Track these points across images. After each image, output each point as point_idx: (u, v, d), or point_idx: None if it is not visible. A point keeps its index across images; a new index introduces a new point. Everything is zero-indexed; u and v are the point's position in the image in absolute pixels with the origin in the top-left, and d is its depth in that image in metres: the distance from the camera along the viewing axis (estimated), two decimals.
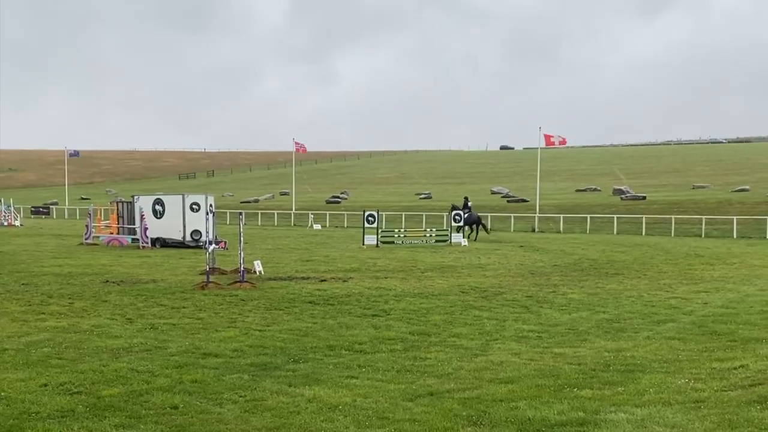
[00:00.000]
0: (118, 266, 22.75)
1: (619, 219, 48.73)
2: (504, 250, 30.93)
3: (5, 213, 54.92)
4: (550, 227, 50.50)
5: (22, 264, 23.00)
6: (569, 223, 50.37)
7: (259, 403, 7.50)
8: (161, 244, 31.67)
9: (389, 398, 7.63)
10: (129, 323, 12.28)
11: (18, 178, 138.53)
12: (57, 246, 32.12)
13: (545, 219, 52.29)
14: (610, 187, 76.96)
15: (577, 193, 78.40)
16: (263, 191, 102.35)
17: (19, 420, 6.84)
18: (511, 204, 67.07)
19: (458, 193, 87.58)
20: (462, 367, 9.12)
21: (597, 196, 74.21)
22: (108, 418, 6.93)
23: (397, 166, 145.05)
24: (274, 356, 9.80)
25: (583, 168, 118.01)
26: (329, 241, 37.80)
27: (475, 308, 14.25)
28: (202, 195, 32.95)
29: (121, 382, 8.28)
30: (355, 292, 16.63)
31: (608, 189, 76.50)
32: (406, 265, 23.95)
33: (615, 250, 30.67)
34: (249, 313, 13.65)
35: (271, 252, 28.87)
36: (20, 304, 14.36)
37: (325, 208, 69.58)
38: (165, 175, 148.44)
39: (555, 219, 51.56)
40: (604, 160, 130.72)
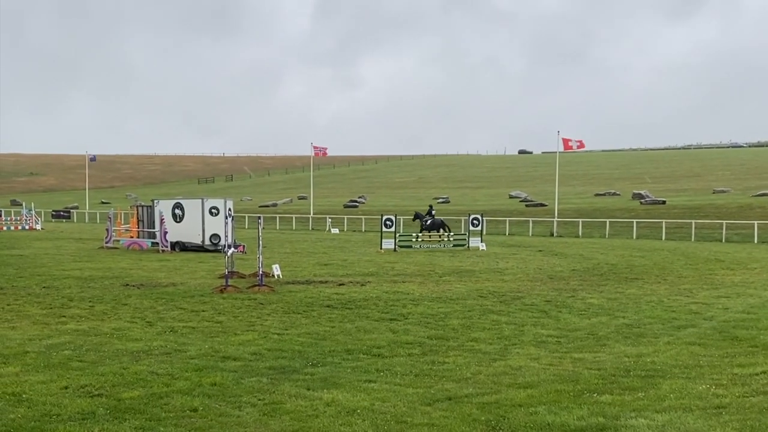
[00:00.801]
0: (138, 270, 22.91)
1: (638, 223, 48.41)
2: (523, 254, 30.82)
3: (27, 217, 55.49)
4: (568, 231, 50.27)
5: (44, 267, 23.22)
6: (588, 227, 50.11)
7: (277, 406, 7.52)
8: (181, 248, 31.85)
9: (407, 402, 7.62)
10: (149, 326, 12.36)
11: (39, 183, 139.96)
12: (78, 250, 32.41)
13: (564, 223, 52.05)
14: (629, 192, 76.48)
15: (596, 197, 78.01)
16: (282, 195, 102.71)
17: (41, 422, 6.91)
18: (530, 208, 66.83)
19: (476, 197, 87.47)
20: (480, 371, 9.09)
21: (616, 200, 73.78)
22: (128, 420, 6.98)
23: (415, 170, 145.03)
24: (292, 360, 9.82)
25: (602, 172, 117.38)
26: (347, 245, 37.85)
27: (494, 313, 14.21)
28: (221, 199, 33.13)
29: (141, 384, 8.33)
30: (373, 296, 16.64)
31: (627, 193, 76.03)
32: (424, 269, 23.94)
33: (634, 254, 30.48)
34: (267, 316, 13.69)
35: (290, 256, 28.96)
36: (42, 307, 14.50)
37: (343, 212, 69.70)
38: (184, 179, 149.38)
39: (574, 223, 51.32)
40: (623, 164, 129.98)
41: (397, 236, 33.81)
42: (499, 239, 43.68)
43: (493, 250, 33.50)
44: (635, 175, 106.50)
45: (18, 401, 7.59)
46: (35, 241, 38.84)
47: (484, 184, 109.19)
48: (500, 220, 54.50)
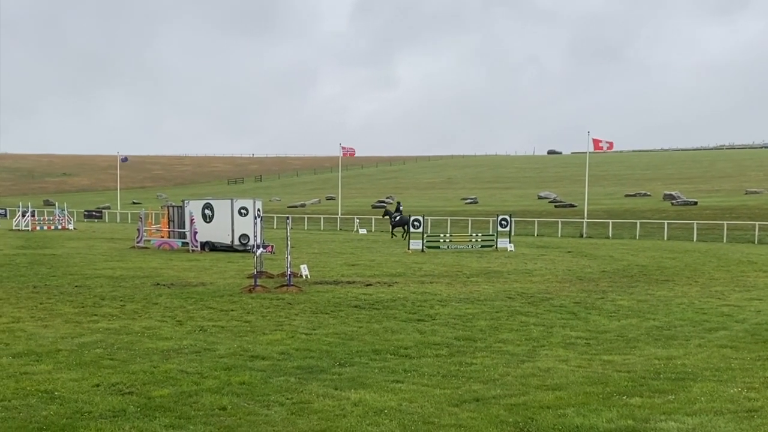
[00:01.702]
0: (168, 269, 23.15)
1: (669, 225, 47.86)
2: (551, 255, 30.62)
3: (59, 217, 56.33)
4: (598, 232, 49.86)
5: (76, 267, 23.55)
6: (618, 228, 49.64)
7: (305, 405, 7.56)
8: (210, 248, 32.11)
9: (435, 403, 7.62)
10: (179, 325, 12.49)
11: (72, 183, 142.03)
12: (109, 249, 32.83)
13: (593, 224, 51.62)
14: (660, 192, 75.65)
15: (626, 198, 77.29)
16: (310, 196, 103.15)
17: (72, 419, 7.01)
18: (559, 209, 66.37)
19: (504, 197, 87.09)
20: (508, 373, 9.05)
21: (647, 201, 73.02)
22: (158, 418, 7.06)
23: (442, 171, 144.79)
24: (320, 360, 9.86)
25: (632, 172, 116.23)
26: (374, 245, 37.89)
27: (522, 314, 14.14)
28: (251, 199, 33.34)
29: (170, 383, 8.42)
30: (401, 297, 16.64)
31: (658, 194, 75.21)
32: (452, 270, 23.89)
33: (665, 256, 30.13)
34: (296, 316, 13.76)
35: (317, 256, 29.06)
36: (74, 306, 14.71)
37: (371, 212, 69.79)
38: (214, 180, 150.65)
39: (604, 224, 50.87)
40: (653, 165, 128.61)
41: (425, 237, 33.77)
42: (528, 240, 43.44)
43: (522, 251, 33.32)
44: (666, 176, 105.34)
45: (50, 398, 7.71)
46: (68, 240, 39.40)
47: (512, 185, 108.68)
48: (529, 220, 54.21)
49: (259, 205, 33.18)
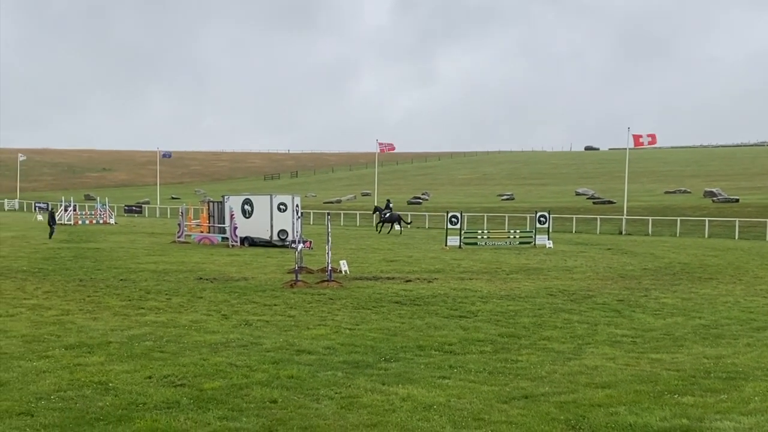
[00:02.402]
0: (209, 264, 23.42)
1: (710, 222, 47.08)
2: (591, 252, 30.34)
3: (101, 211, 57.28)
4: (637, 230, 49.24)
5: (120, 261, 23.94)
6: (658, 225, 48.97)
7: (354, 400, 7.61)
8: (249, 243, 32.41)
9: (483, 399, 7.62)
10: (224, 319, 12.64)
11: (111, 178, 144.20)
12: (151, 243, 33.31)
13: (633, 221, 51.00)
14: (700, 189, 74.44)
15: (666, 195, 76.19)
16: (345, 192, 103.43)
17: (128, 410, 7.15)
18: (597, 206, 65.67)
19: (541, 194, 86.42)
20: (555, 370, 9.01)
21: (687, 198, 71.92)
22: (211, 410, 7.17)
23: (478, 166, 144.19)
24: (365, 355, 9.92)
25: (672, 169, 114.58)
26: (411, 241, 37.89)
27: (565, 311, 14.05)
28: (289, 195, 33.56)
29: (221, 375, 8.54)
30: (441, 293, 16.64)
31: (699, 191, 74.01)
32: (491, 266, 23.81)
33: (707, 254, 29.68)
34: (338, 311, 13.84)
35: (355, 252, 29.16)
36: (120, 299, 14.97)
37: (407, 208, 69.75)
38: (250, 176, 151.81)
39: (643, 221, 50.23)
40: (693, 161, 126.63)
41: (463, 233, 33.69)
42: (566, 237, 43.09)
43: (560, 247, 33.07)
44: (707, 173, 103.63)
45: (105, 390, 7.87)
46: (110, 234, 40.06)
47: (549, 181, 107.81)
48: (567, 217, 53.73)
49: (298, 201, 33.39)
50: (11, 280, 18.09)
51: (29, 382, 8.17)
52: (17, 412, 7.03)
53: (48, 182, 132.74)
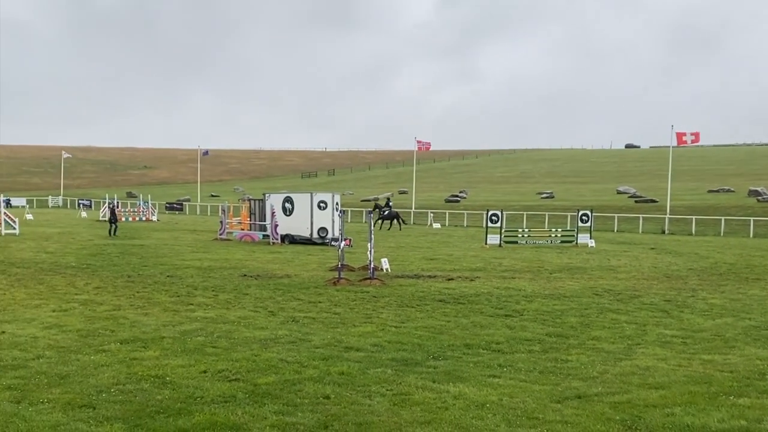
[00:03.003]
0: (252, 261, 23.68)
1: (755, 222, 46.19)
2: (634, 251, 30.00)
3: (143, 208, 58.21)
4: (681, 229, 48.52)
5: (165, 257, 24.33)
6: (702, 225, 48.21)
7: (406, 397, 7.67)
8: (290, 241, 32.68)
9: (536, 399, 7.62)
10: (272, 316, 12.79)
11: (152, 175, 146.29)
12: (193, 241, 33.77)
13: (676, 220, 50.27)
14: (745, 188, 73.03)
15: (709, 194, 74.90)
16: (382, 190, 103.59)
17: (186, 404, 7.30)
18: (639, 204, 64.84)
19: (581, 192, 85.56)
20: (607, 370, 8.97)
21: (730, 197, 70.61)
22: (267, 405, 7.28)
23: (516, 164, 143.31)
24: (413, 352, 9.96)
25: (715, 167, 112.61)
26: (450, 240, 37.85)
27: (612, 311, 13.94)
28: (329, 193, 33.77)
29: (273, 371, 8.66)
30: (484, 292, 16.62)
31: (743, 190, 72.62)
32: (533, 265, 23.68)
33: (753, 254, 29.15)
34: (382, 309, 13.91)
35: (395, 250, 29.23)
36: (169, 295, 15.23)
37: (444, 206, 69.64)
38: (288, 174, 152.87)
39: (686, 220, 49.48)
40: (737, 159, 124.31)
41: (503, 231, 33.55)
42: (608, 236, 42.64)
43: (603, 247, 32.74)
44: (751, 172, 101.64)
45: (162, 383, 8.04)
46: (153, 231, 40.69)
47: (589, 179, 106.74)
48: (608, 216, 53.15)
49: (338, 199, 33.58)
50: (61, 276, 18.50)
51: (88, 375, 8.38)
52: (79, 405, 7.22)
53: (91, 179, 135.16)
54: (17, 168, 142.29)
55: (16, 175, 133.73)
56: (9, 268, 20.07)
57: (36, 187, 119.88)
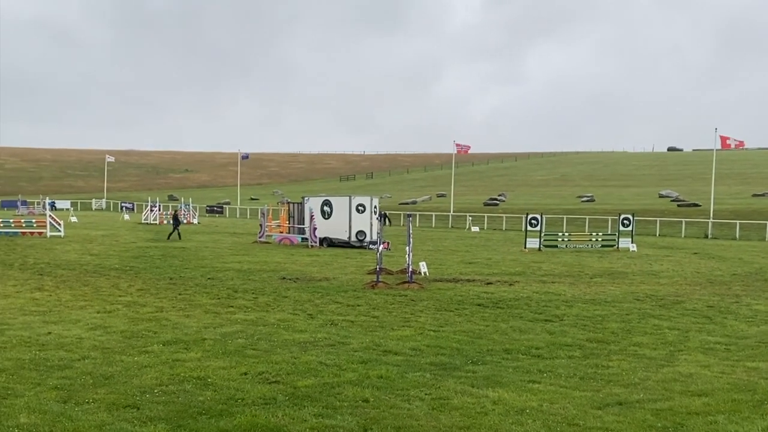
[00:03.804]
0: (291, 264, 23.86)
1: None
2: (676, 256, 29.56)
3: (184, 211, 58.99)
4: (724, 234, 47.64)
5: (206, 260, 24.64)
6: (746, 229, 47.27)
7: (445, 401, 7.66)
8: (328, 244, 32.86)
9: (576, 405, 7.55)
10: (310, 319, 12.88)
11: (193, 179, 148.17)
12: (233, 243, 34.13)
13: (719, 225, 49.38)
14: None
15: (754, 198, 73.46)
16: (420, 193, 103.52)
17: (228, 405, 7.39)
18: (682, 208, 63.83)
19: (623, 196, 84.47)
20: (648, 377, 8.85)
21: None
22: (307, 407, 7.34)
23: (556, 167, 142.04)
24: (452, 357, 9.95)
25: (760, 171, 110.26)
26: (489, 243, 37.70)
27: (653, 317, 13.76)
28: (368, 197, 33.89)
29: (312, 374, 8.73)
30: (524, 296, 16.52)
31: None
32: (573, 269, 23.48)
33: None
34: (420, 313, 13.91)
35: (433, 253, 29.21)
36: (210, 297, 15.43)
37: (483, 210, 69.36)
38: (326, 177, 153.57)
39: (730, 225, 48.58)
40: None
41: (542, 235, 33.30)
42: (649, 240, 42.09)
43: (644, 251, 32.32)
44: None
45: (204, 385, 8.15)
46: (194, 234, 41.22)
47: (630, 183, 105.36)
48: (650, 220, 52.45)
49: (376, 203, 33.70)
50: (105, 278, 18.86)
51: (132, 376, 8.53)
52: (124, 405, 7.36)
53: (133, 182, 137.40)
54: (62, 171, 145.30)
55: (61, 179, 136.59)
56: (55, 270, 20.52)
57: (80, 190, 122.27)
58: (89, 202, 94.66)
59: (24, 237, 34.66)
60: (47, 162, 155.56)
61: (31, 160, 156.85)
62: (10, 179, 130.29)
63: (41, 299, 14.81)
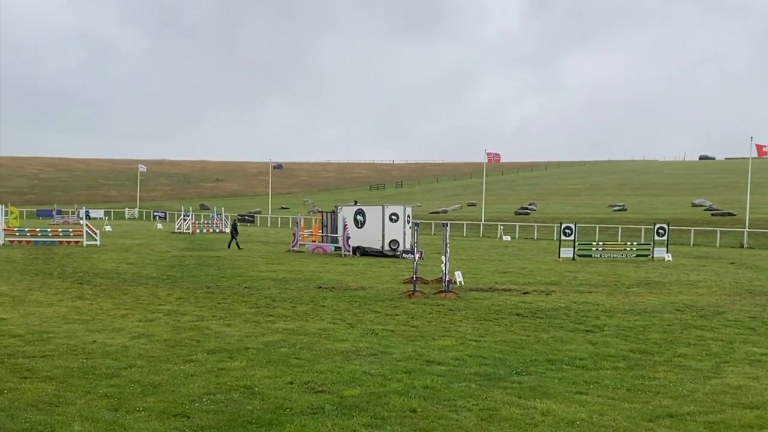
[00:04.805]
0: (326, 273, 23.92)
1: None
2: (713, 266, 29.14)
3: (216, 220, 59.49)
4: (760, 243, 46.86)
5: (241, 269, 24.80)
6: None
7: (493, 412, 7.63)
8: (361, 253, 32.90)
9: (627, 417, 7.47)
10: (350, 328, 12.90)
11: (224, 188, 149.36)
12: (267, 252, 34.32)
13: (755, 234, 48.59)
14: None
15: None
16: (450, 202, 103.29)
17: (276, 414, 7.43)
18: (716, 218, 62.94)
19: (655, 205, 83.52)
20: (697, 389, 8.74)
21: None
22: (355, 417, 7.35)
23: (587, 176, 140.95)
24: (495, 367, 9.91)
25: None
26: (521, 252, 37.47)
27: (696, 328, 13.58)
28: (401, 206, 33.87)
29: (358, 383, 8.74)
30: (562, 306, 16.40)
31: None
32: (609, 279, 23.26)
33: None
34: (460, 322, 13.87)
35: (467, 263, 29.12)
36: (249, 306, 15.53)
37: (514, 219, 68.98)
38: (356, 186, 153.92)
39: (766, 234, 47.77)
40: None
41: (576, 245, 33.04)
42: (684, 250, 41.55)
43: (680, 261, 31.91)
44: None
45: (251, 394, 8.20)
46: (227, 243, 41.46)
47: (662, 192, 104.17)
48: (684, 229, 51.78)
49: (409, 212, 33.68)
50: (144, 287, 19.06)
51: (179, 384, 8.61)
52: (173, 413, 7.42)
53: (165, 192, 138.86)
54: (95, 181, 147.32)
55: (95, 188, 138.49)
56: (94, 279, 20.80)
57: (112, 199, 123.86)
58: (122, 212, 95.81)
59: (61, 246, 35.19)
60: (81, 172, 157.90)
61: (65, 170, 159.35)
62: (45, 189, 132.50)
63: (83, 308, 15.01)
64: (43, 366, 9.45)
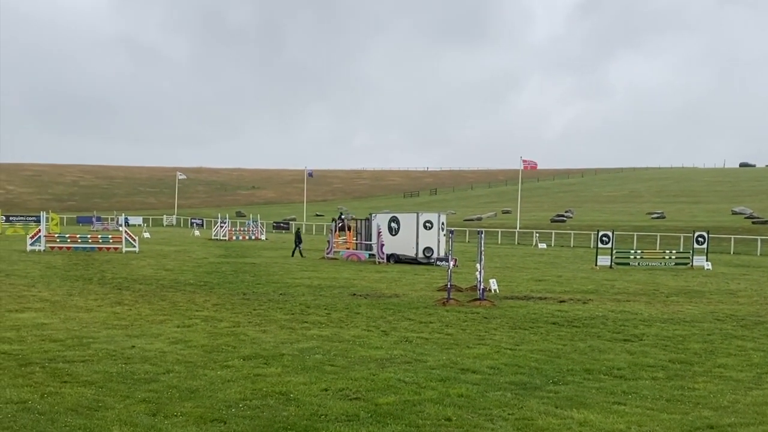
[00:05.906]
0: (360, 280, 23.97)
1: None
2: (754, 275, 28.60)
3: (252, 227, 59.98)
4: None
5: (276, 275, 24.96)
6: None
7: (529, 422, 7.56)
8: (395, 260, 32.90)
9: (666, 428, 7.36)
10: (384, 335, 12.90)
11: (259, 195, 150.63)
12: (301, 259, 34.49)
13: None
14: None
15: None
16: (485, 209, 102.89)
17: (311, 421, 7.45)
18: (757, 225, 61.78)
19: (694, 212, 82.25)
20: (738, 400, 8.57)
21: None
22: (390, 425, 7.34)
23: (624, 183, 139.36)
24: (531, 376, 9.83)
25: None
26: (557, 260, 37.17)
27: (737, 338, 13.33)
28: (435, 213, 33.84)
29: (392, 391, 8.73)
30: (599, 315, 16.22)
31: None
32: (647, 288, 22.95)
33: None
34: (495, 331, 13.79)
35: (502, 270, 28.97)
36: (284, 313, 15.62)
37: (550, 226, 68.48)
38: (390, 194, 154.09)
39: None
40: None
41: (614, 253, 32.67)
42: (724, 258, 40.85)
43: (720, 269, 31.39)
44: None
45: (287, 400, 8.24)
46: (262, 250, 41.84)
47: (701, 199, 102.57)
48: (723, 237, 50.91)
49: (443, 219, 33.62)
50: (181, 293, 19.28)
51: (216, 390, 8.69)
52: (211, 419, 7.49)
53: (202, 199, 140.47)
54: (133, 188, 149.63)
55: (133, 195, 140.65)
56: (133, 285, 21.10)
57: (150, 206, 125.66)
58: (160, 218, 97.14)
59: (101, 252, 35.77)
60: (119, 179, 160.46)
61: (104, 177, 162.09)
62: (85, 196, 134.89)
63: (122, 313, 15.23)
64: (82, 371, 9.60)
